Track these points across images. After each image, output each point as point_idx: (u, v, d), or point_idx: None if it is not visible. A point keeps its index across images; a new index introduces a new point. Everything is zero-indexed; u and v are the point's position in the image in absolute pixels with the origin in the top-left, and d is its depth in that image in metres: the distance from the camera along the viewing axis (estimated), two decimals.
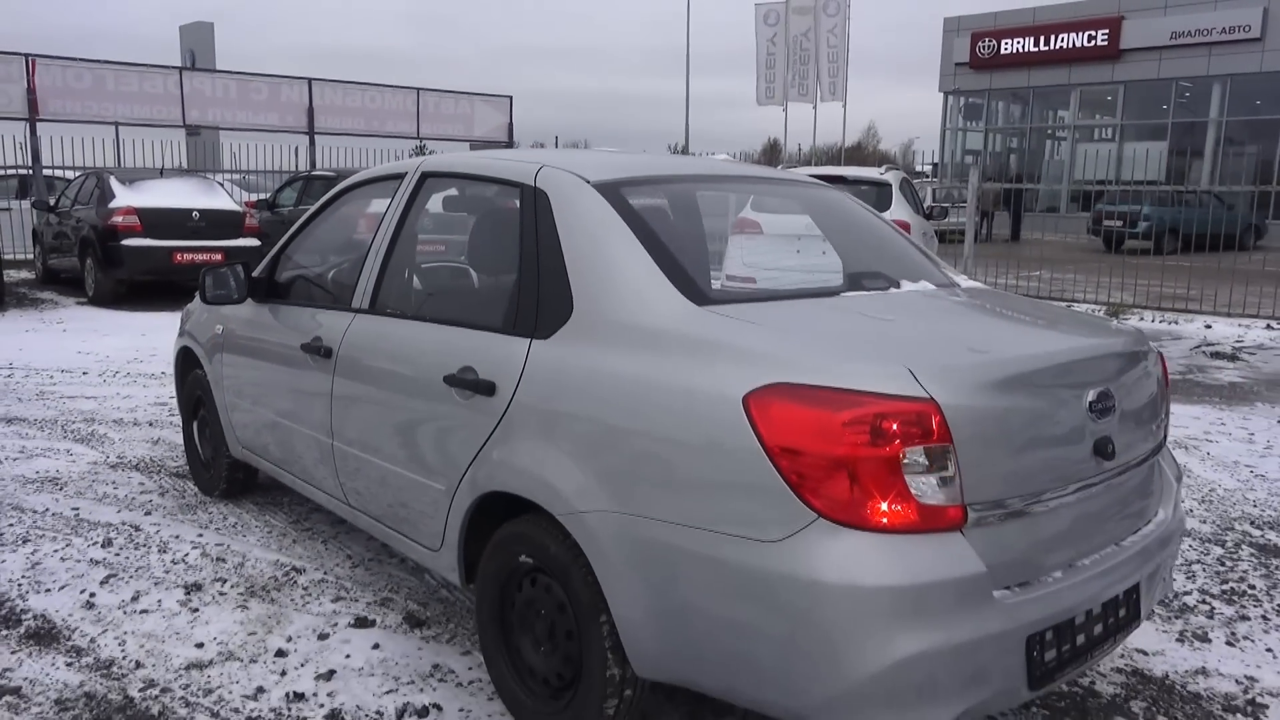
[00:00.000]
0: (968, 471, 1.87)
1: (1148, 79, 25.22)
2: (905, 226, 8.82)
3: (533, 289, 2.45)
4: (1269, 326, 10.37)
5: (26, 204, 13.88)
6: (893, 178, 9.47)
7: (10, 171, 14.70)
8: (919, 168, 28.74)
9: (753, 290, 2.78)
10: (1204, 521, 4.22)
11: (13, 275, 12.42)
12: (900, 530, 1.83)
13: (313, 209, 3.64)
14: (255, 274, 3.70)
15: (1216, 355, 8.90)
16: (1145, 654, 3.03)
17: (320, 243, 3.67)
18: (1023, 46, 27.12)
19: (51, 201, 12.39)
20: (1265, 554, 3.87)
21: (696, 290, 2.24)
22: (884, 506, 1.82)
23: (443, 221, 3.08)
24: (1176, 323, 10.82)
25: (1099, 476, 2.14)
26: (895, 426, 1.81)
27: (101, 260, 10.49)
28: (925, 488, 1.84)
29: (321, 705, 2.61)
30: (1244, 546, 3.95)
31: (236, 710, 2.57)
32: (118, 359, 7.53)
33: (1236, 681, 2.87)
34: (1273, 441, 5.65)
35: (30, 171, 14.52)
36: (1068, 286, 12.85)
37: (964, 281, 2.91)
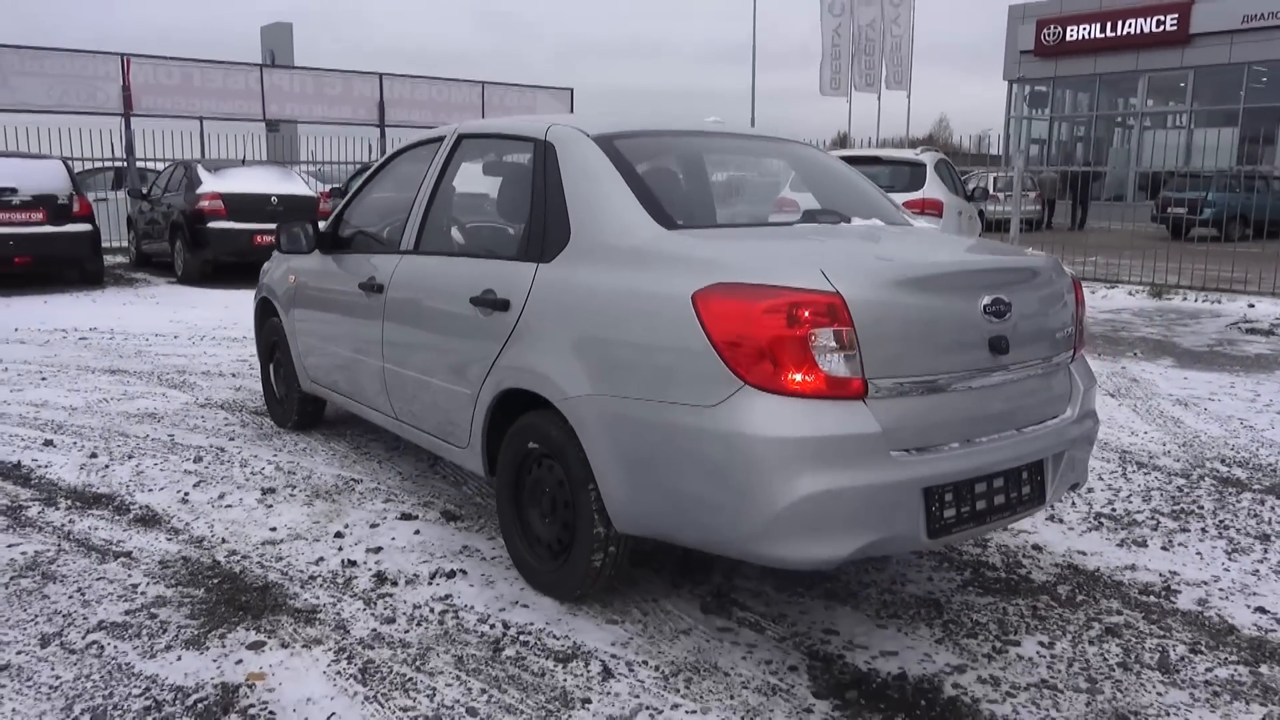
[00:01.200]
0: (868, 352, 2.34)
1: (1219, 64, 24.74)
2: (937, 205, 9.14)
3: (541, 222, 2.98)
4: None
5: (121, 194, 14.97)
6: (928, 158, 9.79)
7: (107, 164, 15.84)
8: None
9: (717, 222, 3.25)
10: (1177, 460, 4.56)
11: (110, 260, 13.44)
12: (810, 396, 2.30)
13: (369, 172, 4.23)
14: (322, 230, 4.30)
15: (1252, 330, 9.03)
16: (1084, 554, 3.44)
17: (374, 201, 4.25)
18: (1089, 33, 26.80)
19: (144, 190, 13.38)
20: (1224, 484, 4.21)
21: (666, 217, 2.75)
22: (797, 377, 2.30)
23: (473, 173, 3.63)
24: (1220, 301, 10.90)
25: (994, 369, 2.58)
26: (806, 313, 2.29)
27: (190, 242, 11.38)
28: (831, 363, 2.31)
29: (369, 569, 3.18)
30: (1206, 479, 4.29)
31: (301, 572, 3.16)
32: (204, 326, 8.31)
33: (1160, 575, 3.26)
34: (1275, 400, 5.90)
35: (125, 164, 15.61)
36: (1119, 271, 12.94)
37: (917, 223, 3.35)
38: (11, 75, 14.64)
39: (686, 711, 2.36)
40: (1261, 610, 3.00)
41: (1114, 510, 3.87)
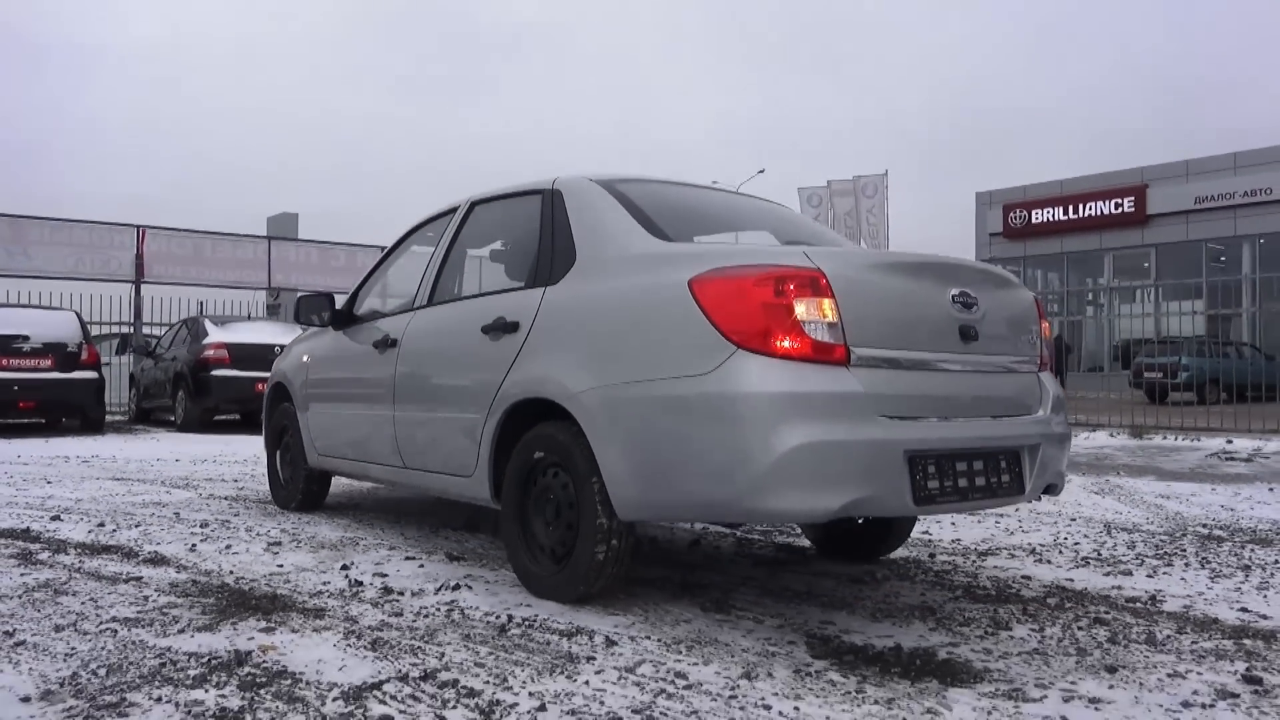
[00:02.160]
0: (849, 323, 2.58)
1: (1177, 241, 26.12)
2: None
3: (549, 253, 3.27)
4: None
5: (124, 359, 15.36)
6: None
7: (113, 329, 16.31)
8: None
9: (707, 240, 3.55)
10: (1159, 527, 4.69)
11: (109, 418, 13.64)
12: (797, 359, 2.52)
13: (384, 251, 4.56)
14: (338, 309, 4.59)
15: (1231, 458, 9.25)
16: (1071, 580, 3.53)
17: (389, 277, 4.56)
18: (1053, 215, 28.40)
19: (150, 348, 13.77)
20: (1206, 540, 4.33)
21: (662, 233, 3.04)
22: (785, 342, 2.52)
23: (485, 231, 3.95)
24: (1199, 439, 11.15)
25: (966, 354, 2.81)
26: (791, 286, 2.54)
27: (192, 390, 11.64)
28: (816, 330, 2.54)
29: (376, 586, 3.25)
30: (1188, 535, 4.42)
31: (309, 589, 3.23)
32: (204, 455, 8.44)
33: (1145, 592, 3.36)
34: (1255, 495, 6.05)
35: (130, 328, 16.10)
36: (1101, 420, 13.24)
37: None
38: (32, 245, 15.34)
39: (689, 663, 2.43)
40: (1244, 609, 3.09)
41: (1100, 555, 3.98)
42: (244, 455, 8.30)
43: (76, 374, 10.92)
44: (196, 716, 2.06)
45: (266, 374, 11.47)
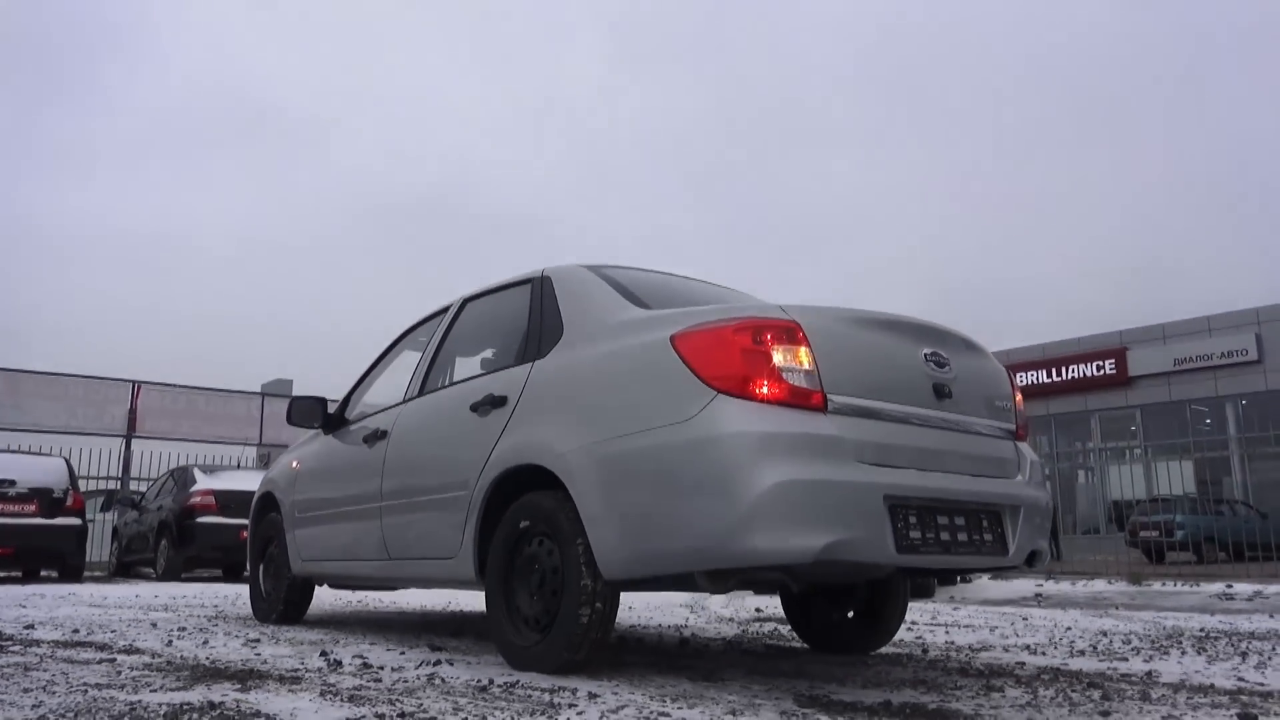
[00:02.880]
0: (826, 371, 2.66)
1: (1161, 402, 26.48)
2: None
3: (537, 331, 3.39)
4: None
5: (108, 515, 15.20)
6: None
7: (100, 485, 16.19)
8: None
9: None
10: (1158, 633, 4.61)
11: (88, 573, 13.36)
12: (776, 402, 2.59)
13: (378, 356, 4.68)
14: (330, 413, 4.65)
15: (1231, 599, 9.10)
16: (1066, 665, 3.46)
17: (380, 381, 4.65)
18: (1037, 379, 28.85)
19: (135, 501, 13.64)
20: (1203, 639, 4.26)
21: (644, 304, 3.17)
22: (764, 387, 2.60)
23: (476, 325, 4.07)
24: (1198, 585, 10.98)
25: (941, 411, 2.88)
26: (769, 335, 2.65)
27: (175, 537, 11.44)
28: (793, 376, 2.63)
29: (355, 663, 3.17)
30: (1186, 637, 4.34)
31: (286, 667, 3.15)
32: (185, 593, 8.24)
33: (1141, 672, 3.29)
34: (1255, 617, 5.96)
35: (119, 482, 15.99)
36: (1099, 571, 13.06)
37: None
38: (25, 398, 15.46)
39: (674, 708, 2.37)
40: (1241, 679, 3.04)
41: (1096, 649, 3.91)
42: (225, 594, 8.11)
43: (59, 520, 10.79)
44: None
45: None
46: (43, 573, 11.77)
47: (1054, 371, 28.46)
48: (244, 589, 5.35)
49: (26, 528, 10.53)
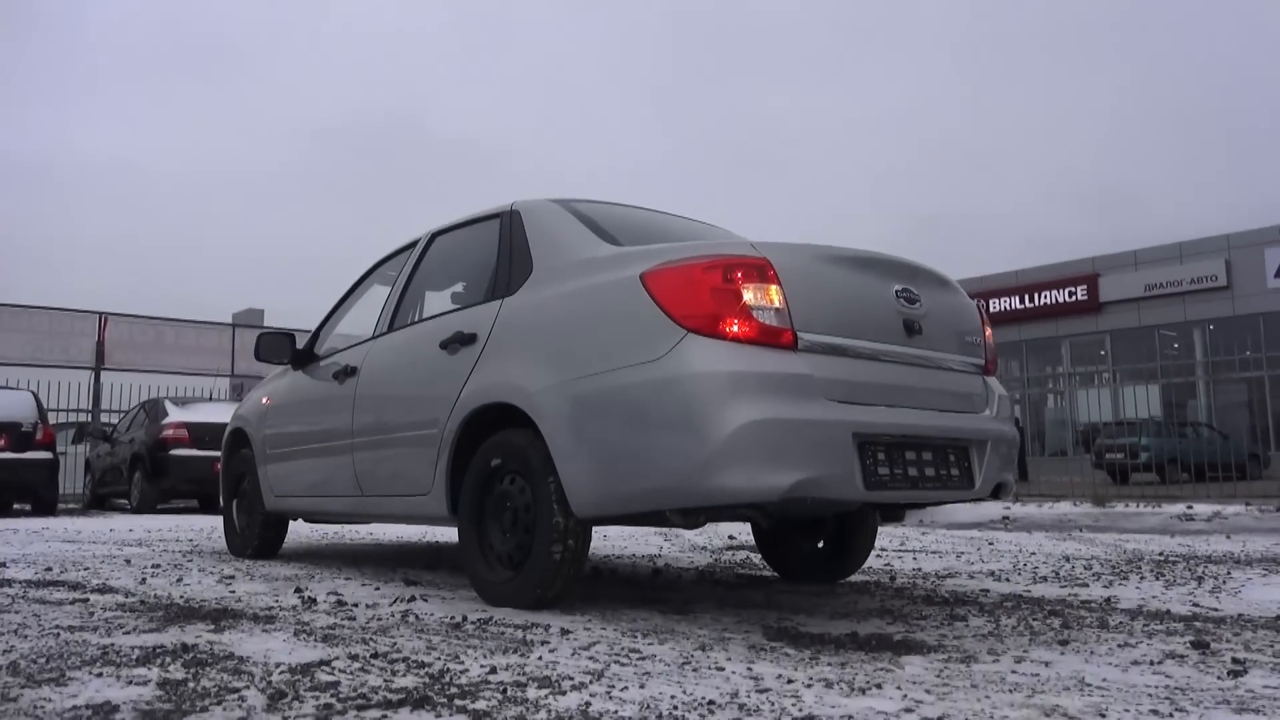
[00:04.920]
0: (796, 309, 2.65)
1: (1130, 327, 26.80)
2: None
3: (506, 267, 3.35)
4: (1248, 504, 10.80)
5: (80, 448, 15.12)
6: None
7: (70, 416, 16.05)
8: None
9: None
10: (1118, 556, 4.73)
11: (62, 506, 13.33)
12: (746, 341, 2.58)
13: (346, 290, 4.61)
14: (299, 348, 4.60)
15: (1192, 519, 9.35)
16: (1029, 591, 3.55)
17: (350, 316, 4.60)
18: (1010, 305, 29.08)
19: (107, 433, 13.56)
20: (1161, 563, 4.38)
21: (615, 240, 3.13)
22: (734, 326, 2.59)
23: (445, 260, 4.01)
24: (1160, 505, 11.26)
25: (911, 347, 2.89)
26: (739, 273, 2.63)
27: (149, 470, 11.42)
28: (763, 314, 2.61)
29: (330, 600, 3.20)
30: (1145, 561, 4.46)
31: (260, 605, 3.17)
32: (160, 526, 8.26)
33: (1101, 598, 3.38)
34: (1213, 540, 6.13)
35: (90, 416, 15.87)
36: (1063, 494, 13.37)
37: None
38: None
39: (645, 643, 2.41)
40: (1196, 604, 3.13)
41: (1058, 574, 4.01)
42: (201, 526, 8.13)
43: (30, 454, 10.71)
44: (140, 684, 2.01)
45: None
46: (15, 506, 11.73)
47: (1027, 298, 28.67)
48: (220, 521, 5.36)
49: None
